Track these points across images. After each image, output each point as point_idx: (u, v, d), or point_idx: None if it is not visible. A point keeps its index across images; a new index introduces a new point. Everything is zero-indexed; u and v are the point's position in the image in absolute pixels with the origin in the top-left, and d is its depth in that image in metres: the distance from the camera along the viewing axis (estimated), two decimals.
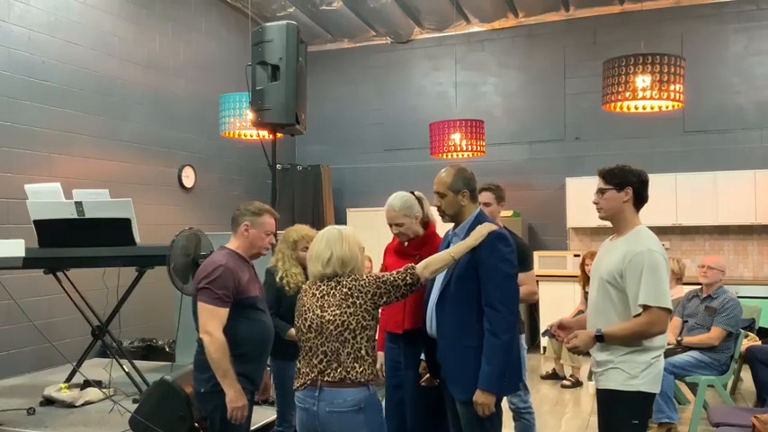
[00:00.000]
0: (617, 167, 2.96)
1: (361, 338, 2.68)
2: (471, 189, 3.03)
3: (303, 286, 2.86)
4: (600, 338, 2.82)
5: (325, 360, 2.67)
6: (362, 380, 2.67)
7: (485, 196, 4.02)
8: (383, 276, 2.75)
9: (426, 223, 3.40)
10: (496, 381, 2.78)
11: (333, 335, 2.66)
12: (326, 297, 2.71)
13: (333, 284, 2.72)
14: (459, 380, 2.89)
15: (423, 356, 3.21)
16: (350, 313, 2.66)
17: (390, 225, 3.36)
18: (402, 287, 2.74)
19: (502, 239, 2.89)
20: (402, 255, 3.36)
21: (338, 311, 2.67)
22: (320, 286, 2.75)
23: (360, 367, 2.67)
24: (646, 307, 2.73)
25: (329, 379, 2.66)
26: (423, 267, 2.78)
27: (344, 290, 2.69)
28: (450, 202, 3.02)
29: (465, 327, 2.86)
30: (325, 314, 2.68)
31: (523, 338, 4.15)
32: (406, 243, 3.40)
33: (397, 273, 2.76)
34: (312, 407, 2.68)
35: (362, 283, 2.71)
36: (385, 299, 2.73)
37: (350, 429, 2.65)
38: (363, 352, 2.68)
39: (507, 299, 2.83)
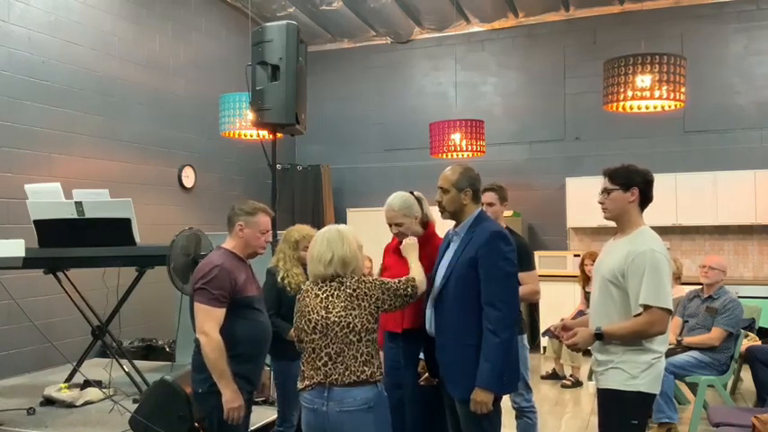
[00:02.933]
0: (623, 167, 2.95)
1: (367, 341, 2.71)
2: (475, 189, 3.03)
3: (303, 287, 2.87)
4: (599, 336, 2.82)
5: (330, 362, 2.68)
6: (370, 379, 2.69)
7: (488, 196, 4.03)
8: (387, 283, 2.79)
9: (426, 223, 3.40)
10: (495, 379, 2.77)
11: (338, 336, 2.68)
12: (330, 298, 2.73)
13: (336, 285, 2.74)
14: (457, 379, 2.89)
15: (422, 355, 3.21)
16: (354, 315, 2.69)
17: (390, 225, 3.36)
18: (402, 297, 2.81)
19: (502, 238, 2.89)
20: (401, 255, 3.36)
21: (343, 313, 2.68)
22: (323, 287, 2.76)
23: (369, 369, 2.69)
24: (646, 307, 2.73)
25: (334, 381, 2.67)
26: (421, 282, 2.90)
27: (349, 291, 2.72)
28: (451, 198, 3.02)
29: (464, 325, 2.86)
30: (330, 315, 2.69)
31: (525, 338, 4.15)
32: None
33: (399, 281, 2.82)
34: (321, 407, 2.68)
35: (368, 285, 2.74)
36: (387, 305, 2.78)
37: (360, 428, 2.67)
38: (368, 355, 2.71)
39: (507, 297, 2.83)
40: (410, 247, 3.10)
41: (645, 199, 2.92)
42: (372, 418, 2.68)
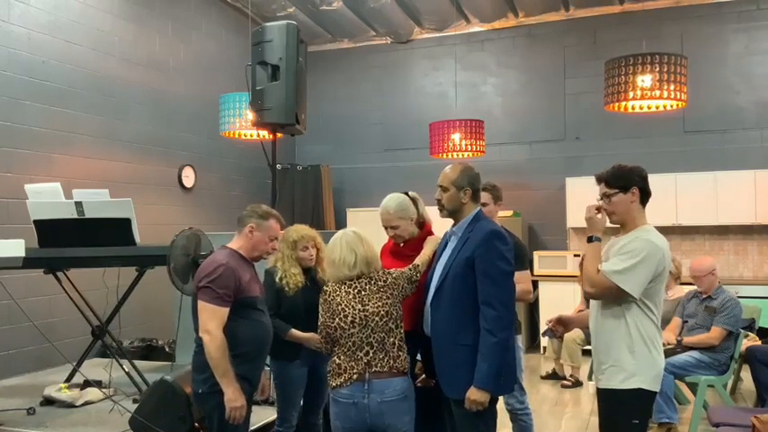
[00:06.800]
0: (616, 169, 2.95)
1: (400, 328, 2.92)
2: (475, 189, 3.03)
3: (327, 288, 2.96)
4: (590, 240, 2.93)
5: (371, 351, 2.84)
6: (405, 369, 2.88)
7: (482, 196, 3.99)
8: (405, 272, 3.02)
9: (422, 223, 3.39)
10: (492, 379, 2.77)
11: (378, 325, 2.86)
12: (363, 292, 2.90)
13: (365, 281, 2.92)
14: (452, 379, 2.88)
15: (419, 357, 3.20)
16: (390, 304, 2.89)
17: (386, 227, 3.34)
18: (414, 283, 3.02)
19: (499, 237, 2.89)
20: (398, 256, 3.34)
21: (380, 303, 2.88)
22: (352, 284, 2.92)
23: (402, 355, 2.89)
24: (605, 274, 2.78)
25: (377, 369, 2.83)
26: (424, 263, 3.10)
27: (380, 283, 2.92)
28: (451, 197, 3.02)
29: (460, 325, 2.86)
30: (367, 307, 2.87)
31: (520, 339, 4.13)
32: (402, 244, 3.38)
33: (410, 269, 3.03)
34: (362, 400, 2.82)
35: (394, 276, 2.97)
36: (407, 292, 2.99)
37: (398, 417, 2.86)
38: (401, 341, 2.91)
39: (504, 297, 2.82)
40: (432, 241, 3.23)
41: (644, 195, 2.94)
42: (407, 406, 2.89)
